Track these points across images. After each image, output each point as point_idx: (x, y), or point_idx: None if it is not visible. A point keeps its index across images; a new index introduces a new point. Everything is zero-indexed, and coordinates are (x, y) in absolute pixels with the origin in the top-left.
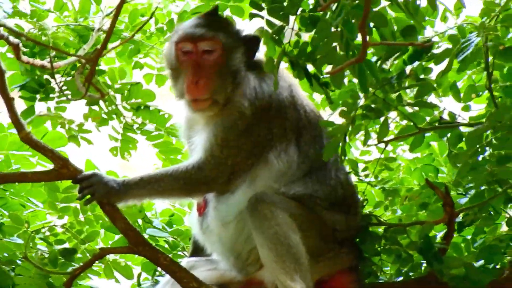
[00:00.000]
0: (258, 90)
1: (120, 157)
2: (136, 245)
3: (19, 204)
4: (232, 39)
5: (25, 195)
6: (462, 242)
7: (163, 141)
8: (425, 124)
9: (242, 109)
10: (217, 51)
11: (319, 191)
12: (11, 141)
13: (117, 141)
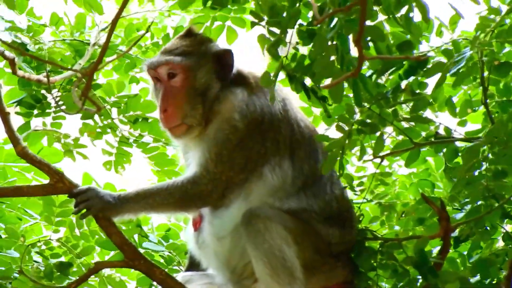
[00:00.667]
0: (249, 103)
1: (114, 171)
2: (132, 259)
3: (16, 217)
4: (196, 58)
5: (22, 207)
6: (458, 257)
7: (159, 153)
8: (421, 139)
9: (234, 122)
10: (180, 74)
11: (314, 206)
12: (7, 154)
13: (111, 155)
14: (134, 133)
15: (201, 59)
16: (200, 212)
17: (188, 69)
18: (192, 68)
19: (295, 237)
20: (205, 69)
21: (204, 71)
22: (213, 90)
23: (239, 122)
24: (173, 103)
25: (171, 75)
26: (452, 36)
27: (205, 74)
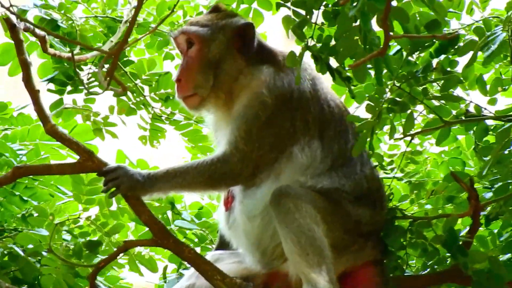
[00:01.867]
0: (276, 79)
1: (150, 145)
2: (161, 237)
3: (48, 194)
4: (213, 30)
5: (54, 184)
6: (488, 236)
7: (192, 130)
8: (451, 118)
9: (262, 97)
10: (196, 45)
11: (346, 185)
12: (42, 132)
13: (145, 130)
14: (166, 111)
15: (219, 31)
16: (231, 192)
17: (203, 39)
18: (207, 39)
19: (324, 216)
20: (221, 41)
21: (219, 43)
22: (229, 63)
23: (267, 97)
24: (187, 73)
25: (189, 45)
26: (483, 14)
27: (219, 46)
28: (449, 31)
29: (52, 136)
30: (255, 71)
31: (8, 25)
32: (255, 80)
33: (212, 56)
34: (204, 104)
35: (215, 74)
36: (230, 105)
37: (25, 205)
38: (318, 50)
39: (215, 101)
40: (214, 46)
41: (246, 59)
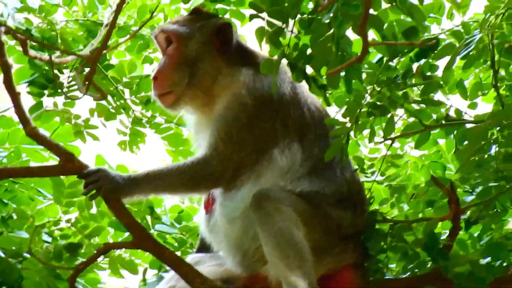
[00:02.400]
0: (256, 80)
1: (129, 150)
2: (141, 240)
3: (28, 197)
4: (191, 28)
5: (35, 187)
6: (468, 239)
7: (173, 133)
8: (432, 122)
9: (242, 99)
10: (174, 43)
11: (326, 189)
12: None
13: (125, 135)
14: (147, 114)
15: (197, 30)
16: (212, 195)
17: (181, 37)
18: (184, 37)
19: (305, 219)
20: (199, 39)
21: (196, 41)
22: (207, 62)
23: (247, 98)
24: (163, 71)
25: (169, 43)
26: (463, 18)
27: (197, 44)
28: (430, 36)
29: (33, 138)
30: (235, 72)
31: None
32: (234, 82)
33: (189, 54)
34: (179, 102)
35: (192, 72)
36: (210, 106)
37: (5, 208)
38: (294, 58)
39: (191, 100)
40: (191, 44)
41: (225, 59)
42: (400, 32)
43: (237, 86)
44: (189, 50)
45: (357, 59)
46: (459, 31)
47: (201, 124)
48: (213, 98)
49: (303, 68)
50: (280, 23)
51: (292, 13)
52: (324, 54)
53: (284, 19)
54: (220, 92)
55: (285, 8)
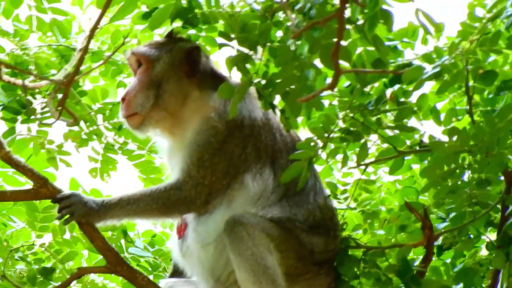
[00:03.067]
0: (226, 105)
1: (100, 178)
2: (114, 264)
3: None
4: (160, 51)
5: (7, 214)
6: (441, 266)
7: (144, 161)
8: (406, 147)
9: (213, 123)
10: (143, 65)
11: (298, 214)
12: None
13: (97, 162)
14: (119, 140)
15: (165, 53)
16: (184, 220)
17: (149, 59)
18: (152, 59)
19: (277, 245)
20: (166, 62)
21: (163, 64)
22: (173, 84)
23: (217, 123)
24: (131, 92)
25: (139, 65)
26: (437, 43)
27: (163, 66)
28: (403, 61)
29: (7, 162)
30: (205, 97)
31: None
32: (204, 106)
33: (154, 76)
34: (145, 124)
35: (157, 94)
36: (180, 131)
37: None
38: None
39: (157, 122)
40: (158, 66)
41: (196, 83)
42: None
43: (207, 110)
44: (156, 72)
45: (329, 86)
46: (430, 55)
47: (173, 149)
48: (183, 121)
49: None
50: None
51: (260, 40)
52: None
53: (252, 46)
54: (190, 115)
55: (253, 35)
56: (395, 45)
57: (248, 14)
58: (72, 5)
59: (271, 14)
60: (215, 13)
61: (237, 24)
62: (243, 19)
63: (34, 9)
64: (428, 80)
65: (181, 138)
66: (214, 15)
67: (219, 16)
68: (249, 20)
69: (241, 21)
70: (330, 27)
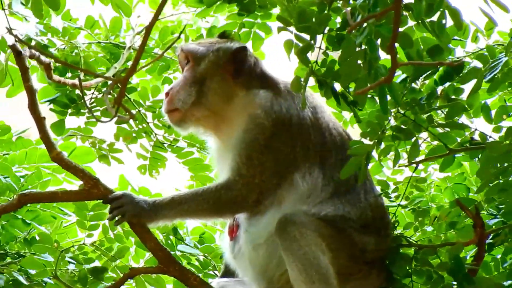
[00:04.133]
0: (273, 103)
1: (148, 175)
2: (166, 265)
3: (51, 216)
4: (207, 50)
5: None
6: (491, 261)
7: (194, 158)
8: (456, 145)
9: (259, 120)
10: (190, 62)
11: (351, 213)
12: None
13: (145, 159)
14: (169, 137)
15: (212, 52)
16: (236, 221)
17: (195, 56)
18: (198, 57)
19: (329, 244)
20: (211, 60)
21: (209, 62)
22: (217, 83)
23: (264, 120)
24: (175, 88)
25: (187, 61)
26: (488, 41)
27: (208, 65)
28: (454, 59)
29: (58, 163)
30: (251, 95)
31: (14, 52)
32: (251, 104)
33: (198, 73)
34: (185, 120)
35: (200, 91)
36: (228, 130)
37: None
38: (322, 74)
39: (198, 120)
40: (203, 64)
41: (243, 84)
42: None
43: (254, 107)
44: (200, 69)
45: (386, 79)
46: (484, 54)
47: (222, 149)
48: (230, 121)
49: (331, 84)
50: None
51: (319, 30)
52: (353, 72)
53: (311, 35)
54: (237, 114)
55: (312, 24)
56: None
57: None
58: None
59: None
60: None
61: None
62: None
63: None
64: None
65: (229, 138)
66: (272, 0)
67: (277, 1)
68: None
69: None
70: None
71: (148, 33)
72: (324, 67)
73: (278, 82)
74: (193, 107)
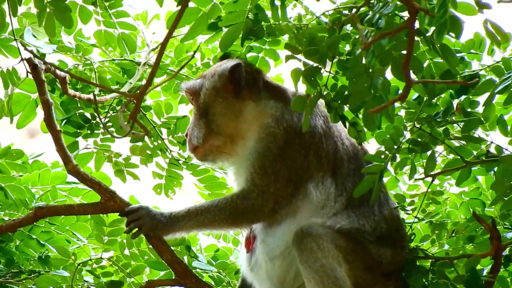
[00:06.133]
0: (284, 112)
1: (164, 195)
2: (183, 277)
3: (65, 239)
4: (203, 79)
5: (70, 229)
6: (508, 276)
7: (209, 176)
8: (472, 158)
9: (270, 129)
10: (194, 98)
11: (366, 225)
12: (53, 177)
13: (161, 178)
14: (184, 154)
15: (207, 80)
16: (253, 232)
17: (194, 91)
18: (196, 90)
19: (346, 256)
20: (208, 87)
21: (205, 90)
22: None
23: (275, 129)
24: (190, 127)
25: (192, 99)
26: (504, 54)
27: (206, 93)
28: (470, 72)
29: (74, 176)
30: (261, 106)
31: (30, 66)
32: (262, 114)
33: (201, 104)
34: (208, 153)
35: (208, 121)
36: (241, 142)
37: (42, 248)
38: (331, 98)
39: (218, 148)
40: (202, 94)
41: (249, 96)
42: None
43: (264, 117)
44: (202, 101)
45: (400, 97)
46: (499, 66)
47: (237, 162)
48: (242, 133)
49: (341, 109)
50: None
51: (329, 53)
52: (361, 93)
53: (320, 59)
54: (248, 126)
55: (321, 47)
56: (462, 56)
57: (316, 27)
58: (135, 19)
59: (339, 26)
60: (282, 26)
61: (304, 37)
62: (311, 32)
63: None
64: (499, 93)
65: (243, 149)
66: (281, 28)
67: (286, 29)
68: (317, 33)
69: (308, 34)
70: (400, 38)
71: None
72: (334, 91)
73: (286, 91)
74: (208, 138)
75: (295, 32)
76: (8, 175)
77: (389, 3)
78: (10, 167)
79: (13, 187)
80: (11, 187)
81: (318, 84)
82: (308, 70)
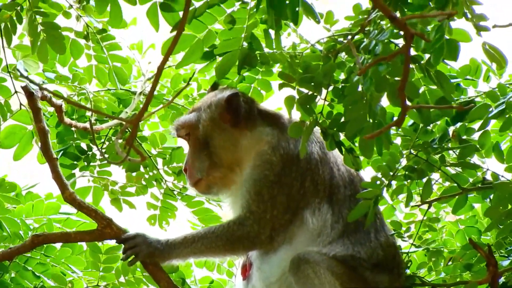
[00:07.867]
0: (280, 139)
1: (159, 225)
2: None
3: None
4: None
5: (65, 262)
6: None
7: (204, 208)
8: (469, 185)
9: (267, 156)
10: (190, 132)
11: (361, 252)
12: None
13: (156, 208)
14: (178, 185)
15: (204, 111)
16: (249, 260)
17: (190, 125)
18: (193, 124)
19: (342, 283)
20: (206, 119)
21: (203, 122)
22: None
23: (271, 156)
24: (189, 160)
25: (187, 134)
26: (500, 81)
27: (204, 125)
28: (466, 98)
29: (71, 203)
30: (257, 134)
31: (26, 93)
32: (258, 142)
33: (201, 137)
34: (211, 185)
35: (209, 153)
36: (238, 170)
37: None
38: (327, 126)
39: (221, 179)
40: (200, 126)
41: (245, 126)
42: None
43: (260, 145)
44: (201, 133)
45: (396, 122)
46: (494, 92)
47: (234, 190)
48: (240, 162)
49: (337, 136)
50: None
51: (324, 81)
52: (357, 120)
53: (316, 87)
54: (245, 154)
55: (317, 75)
56: (458, 82)
57: (310, 55)
58: (130, 49)
59: (334, 54)
60: (276, 55)
61: (299, 65)
62: (306, 60)
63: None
64: (493, 118)
65: (239, 177)
66: (275, 57)
67: (280, 58)
68: (311, 61)
69: (303, 61)
70: (396, 64)
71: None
72: (330, 119)
73: (280, 118)
74: (210, 170)
75: (289, 61)
76: (2, 208)
77: (384, 30)
78: (4, 200)
79: (7, 219)
80: (6, 219)
81: (314, 112)
82: (303, 98)
